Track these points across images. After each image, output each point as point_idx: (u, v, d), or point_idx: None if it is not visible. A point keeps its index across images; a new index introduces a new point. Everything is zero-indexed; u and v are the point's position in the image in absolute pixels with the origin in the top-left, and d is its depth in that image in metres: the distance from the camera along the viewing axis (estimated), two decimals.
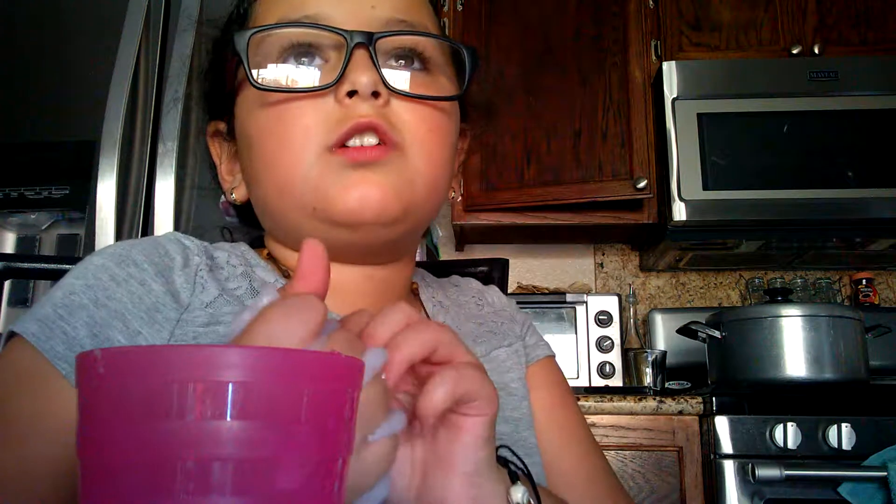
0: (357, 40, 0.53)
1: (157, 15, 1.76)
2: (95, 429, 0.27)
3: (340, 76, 0.53)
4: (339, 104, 0.53)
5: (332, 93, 0.54)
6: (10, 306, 1.63)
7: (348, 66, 0.53)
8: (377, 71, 0.53)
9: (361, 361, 0.32)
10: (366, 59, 0.53)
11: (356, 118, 0.52)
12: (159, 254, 0.55)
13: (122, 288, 0.52)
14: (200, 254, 0.58)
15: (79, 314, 0.50)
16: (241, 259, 0.61)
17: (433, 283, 0.73)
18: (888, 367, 2.09)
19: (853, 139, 1.99)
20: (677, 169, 1.98)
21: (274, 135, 0.55)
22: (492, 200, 2.11)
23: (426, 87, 0.56)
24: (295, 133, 0.54)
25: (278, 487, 0.27)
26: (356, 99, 0.53)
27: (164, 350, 0.27)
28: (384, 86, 0.54)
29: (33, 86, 1.76)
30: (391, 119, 0.54)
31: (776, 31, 2.14)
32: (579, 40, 2.17)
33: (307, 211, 0.55)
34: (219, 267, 0.58)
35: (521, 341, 0.70)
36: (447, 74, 0.59)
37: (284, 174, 0.55)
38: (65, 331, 0.49)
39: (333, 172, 0.53)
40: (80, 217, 1.68)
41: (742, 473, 1.54)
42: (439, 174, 0.57)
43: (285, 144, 0.54)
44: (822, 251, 2.21)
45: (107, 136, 1.62)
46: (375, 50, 0.54)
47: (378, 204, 0.53)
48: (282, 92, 0.54)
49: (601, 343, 2.09)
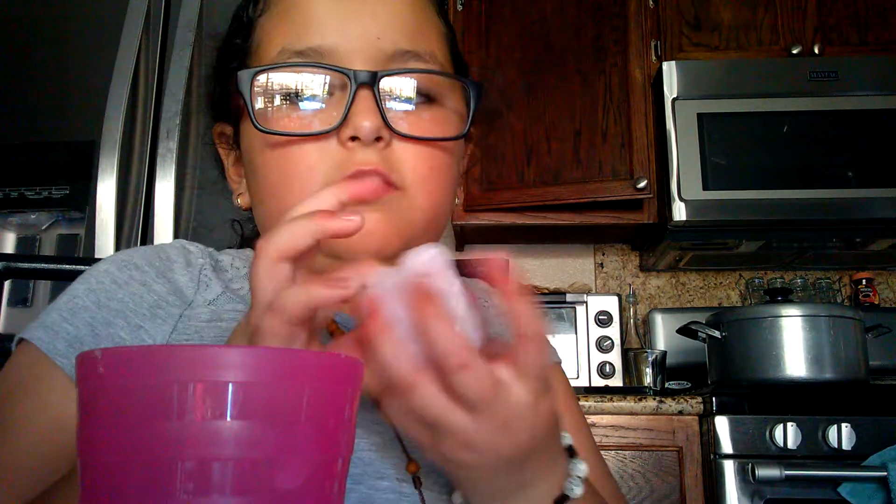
0: (361, 80, 0.53)
1: (157, 15, 1.76)
2: (95, 429, 0.27)
3: (343, 119, 0.53)
4: (342, 146, 0.53)
5: (335, 135, 0.53)
6: (10, 306, 1.63)
7: (351, 109, 0.52)
8: (380, 113, 0.53)
9: (361, 361, 0.32)
10: (369, 102, 0.53)
11: (359, 164, 0.52)
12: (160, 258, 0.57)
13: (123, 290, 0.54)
14: (204, 256, 0.59)
15: (81, 315, 0.52)
16: (246, 262, 0.62)
17: None
18: (888, 367, 2.09)
19: (853, 139, 1.99)
20: (677, 169, 1.98)
21: (278, 171, 0.55)
22: (492, 200, 2.11)
23: (431, 122, 0.56)
24: (299, 171, 0.54)
25: (278, 487, 0.27)
26: (358, 144, 0.53)
27: (164, 350, 0.27)
28: (387, 128, 0.53)
29: (33, 86, 1.76)
30: (392, 161, 0.54)
31: (776, 31, 2.14)
32: (579, 40, 2.17)
33: None
34: (223, 269, 0.60)
35: None
36: (453, 104, 0.59)
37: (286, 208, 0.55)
38: (67, 331, 0.51)
39: None
40: (80, 217, 1.68)
41: (742, 473, 1.53)
42: (440, 207, 0.58)
43: (289, 181, 0.54)
44: (822, 251, 2.21)
45: (107, 136, 1.62)
46: (379, 89, 0.53)
47: (378, 241, 0.53)
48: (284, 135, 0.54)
49: (601, 343, 2.09)
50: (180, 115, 1.64)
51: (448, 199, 0.59)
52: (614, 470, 1.60)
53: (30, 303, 1.63)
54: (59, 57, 1.76)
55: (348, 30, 0.55)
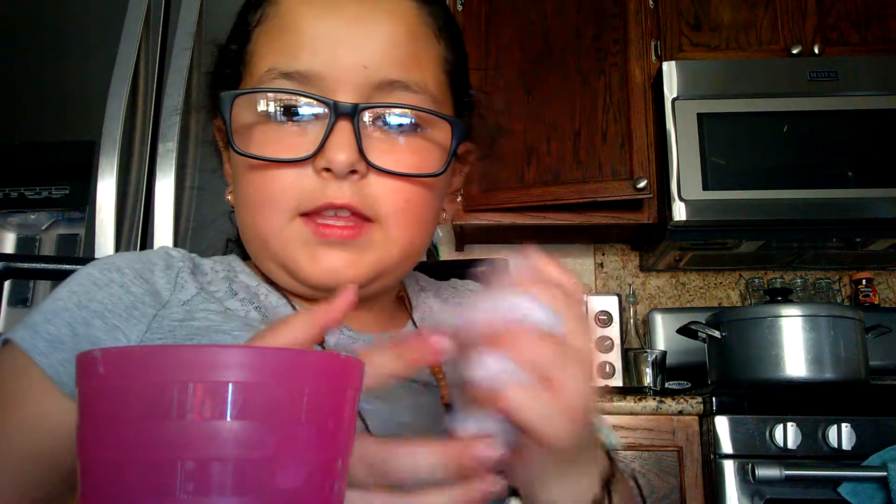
0: (341, 111, 0.52)
1: (157, 15, 1.76)
2: (95, 429, 0.27)
3: (319, 148, 0.52)
4: (317, 174, 0.53)
5: (311, 164, 0.53)
6: (10, 306, 1.63)
7: (328, 140, 0.52)
8: (357, 146, 0.52)
9: (361, 362, 0.32)
10: (347, 134, 0.52)
11: (330, 198, 0.53)
12: (141, 261, 0.58)
13: (103, 291, 0.55)
14: (185, 260, 0.60)
15: (62, 316, 0.53)
16: (226, 266, 0.63)
17: (429, 286, 0.73)
18: (888, 367, 2.09)
19: (853, 139, 1.99)
20: (677, 169, 1.98)
21: (254, 190, 0.56)
22: (492, 200, 2.11)
23: (410, 153, 0.55)
24: (273, 193, 0.54)
25: (278, 487, 0.27)
26: (332, 175, 0.52)
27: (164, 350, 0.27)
28: (363, 161, 0.53)
29: (33, 86, 1.76)
30: (367, 194, 0.54)
31: (776, 31, 2.14)
32: (579, 40, 2.17)
33: (279, 266, 0.57)
34: (202, 272, 0.61)
35: None
36: (438, 136, 0.57)
37: (261, 228, 0.56)
38: (48, 331, 0.52)
39: (302, 241, 0.54)
40: (80, 217, 1.68)
41: (742, 473, 1.53)
42: (416, 242, 0.58)
43: (263, 202, 0.55)
44: (822, 251, 2.21)
45: (107, 136, 1.62)
46: (359, 121, 0.53)
47: (348, 277, 0.53)
48: (261, 160, 0.54)
49: (601, 343, 2.09)
50: (180, 115, 1.64)
51: (425, 233, 0.59)
52: None
53: (30, 303, 1.63)
54: (59, 57, 1.76)
55: (337, 56, 0.54)
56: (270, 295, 0.60)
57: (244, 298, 0.59)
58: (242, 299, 0.59)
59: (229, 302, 0.58)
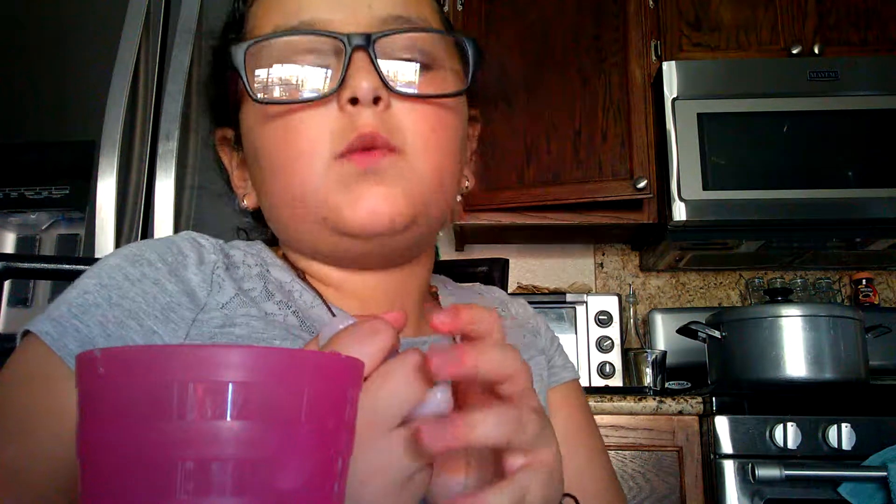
0: (355, 43, 0.52)
1: (157, 15, 1.76)
2: (95, 429, 0.27)
3: (341, 82, 0.52)
4: (341, 112, 0.53)
5: (335, 100, 0.53)
6: (10, 306, 1.62)
7: (348, 72, 0.52)
8: (377, 74, 0.52)
9: (361, 361, 0.32)
10: (366, 63, 0.52)
11: (360, 128, 0.52)
12: (172, 252, 0.55)
13: (136, 287, 0.52)
14: (216, 252, 0.58)
15: (92, 312, 0.50)
16: (258, 258, 0.60)
17: (455, 290, 0.73)
18: (888, 367, 2.09)
19: (853, 139, 1.99)
20: (677, 169, 1.98)
21: (280, 147, 0.55)
22: (492, 200, 2.11)
23: (429, 84, 0.55)
24: (301, 145, 0.53)
25: (278, 487, 0.27)
26: (358, 107, 0.52)
27: (164, 350, 0.27)
28: (385, 88, 0.53)
29: (33, 86, 1.76)
30: (392, 124, 0.53)
31: (776, 31, 2.14)
32: (579, 40, 2.17)
33: (318, 222, 0.55)
34: (235, 266, 0.58)
35: (544, 355, 0.70)
36: (452, 68, 0.58)
37: (294, 186, 0.54)
38: (77, 328, 0.49)
39: (342, 184, 0.53)
40: (80, 217, 1.68)
41: (742, 473, 1.53)
42: (445, 171, 0.56)
43: (293, 156, 0.54)
44: (822, 251, 2.21)
45: (107, 136, 1.62)
46: (375, 51, 0.53)
47: (388, 215, 0.52)
48: (283, 104, 0.53)
49: (601, 343, 2.09)
50: (180, 115, 1.64)
51: (453, 163, 0.58)
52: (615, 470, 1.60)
53: (30, 303, 1.63)
54: (59, 57, 1.76)
55: (339, 5, 0.55)
56: (305, 293, 0.58)
57: (280, 301, 0.57)
58: (279, 302, 0.57)
59: (266, 305, 0.56)
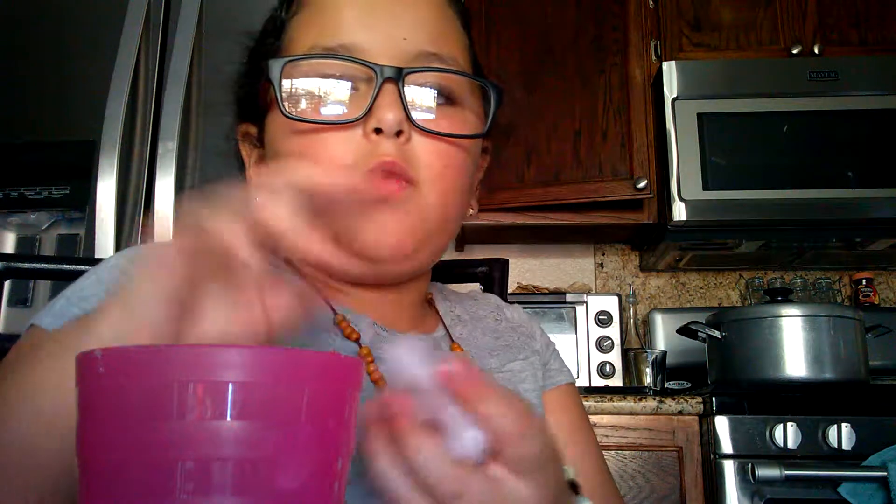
0: (387, 75, 0.55)
1: (157, 15, 1.76)
2: (95, 429, 0.27)
3: (368, 110, 0.54)
4: (365, 138, 0.55)
5: (360, 126, 0.55)
6: (10, 306, 1.62)
7: (376, 102, 0.54)
8: (403, 108, 0.55)
9: (361, 362, 0.32)
10: (394, 96, 0.55)
11: (381, 156, 0.54)
12: None
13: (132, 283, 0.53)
14: None
15: (89, 301, 0.53)
16: None
17: (451, 296, 0.74)
18: (888, 367, 2.09)
19: (853, 139, 1.99)
20: (677, 169, 1.98)
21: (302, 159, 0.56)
22: (492, 200, 2.11)
23: (449, 121, 0.58)
24: (321, 160, 0.55)
25: (278, 487, 0.27)
26: (381, 137, 0.54)
27: (165, 350, 0.27)
28: (409, 122, 0.55)
29: (33, 86, 1.76)
30: (409, 157, 0.56)
31: (776, 31, 2.14)
32: (579, 40, 2.17)
33: None
34: None
35: (538, 356, 0.72)
36: (472, 107, 0.61)
37: None
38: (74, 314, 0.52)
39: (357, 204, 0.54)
40: (80, 217, 1.68)
41: (742, 473, 1.53)
42: (451, 207, 0.59)
43: None
44: (822, 251, 2.21)
45: (107, 136, 1.62)
46: (403, 85, 0.55)
47: (393, 243, 0.55)
48: (312, 123, 0.56)
49: (601, 343, 2.09)
50: (180, 115, 1.64)
51: (460, 200, 0.60)
52: (614, 470, 1.60)
53: (30, 303, 1.63)
54: (59, 56, 1.76)
55: (376, 30, 0.57)
56: None
57: None
58: None
59: None
